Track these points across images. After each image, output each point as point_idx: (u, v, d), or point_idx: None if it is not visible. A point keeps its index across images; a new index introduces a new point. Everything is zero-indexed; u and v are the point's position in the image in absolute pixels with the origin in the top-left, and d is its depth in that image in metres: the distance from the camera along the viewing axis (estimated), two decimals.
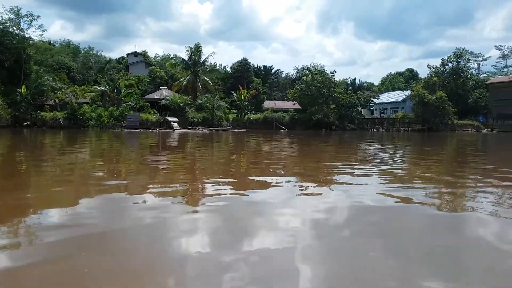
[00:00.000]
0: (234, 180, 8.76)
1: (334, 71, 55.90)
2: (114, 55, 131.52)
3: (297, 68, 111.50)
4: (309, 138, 32.41)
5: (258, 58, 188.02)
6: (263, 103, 66.81)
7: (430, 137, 39.43)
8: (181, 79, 55.24)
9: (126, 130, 39.33)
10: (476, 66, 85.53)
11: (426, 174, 9.85)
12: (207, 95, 52.81)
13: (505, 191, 7.35)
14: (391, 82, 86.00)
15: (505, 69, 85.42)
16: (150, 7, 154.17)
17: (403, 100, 68.39)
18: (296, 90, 55.01)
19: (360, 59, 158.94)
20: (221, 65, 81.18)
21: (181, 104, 48.03)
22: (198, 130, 42.60)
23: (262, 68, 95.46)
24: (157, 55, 79.61)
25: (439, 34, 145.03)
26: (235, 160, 14.46)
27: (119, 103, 47.25)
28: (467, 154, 18.69)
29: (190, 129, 42.97)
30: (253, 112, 57.00)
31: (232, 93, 55.01)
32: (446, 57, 71.03)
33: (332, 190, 7.18)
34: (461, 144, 29.18)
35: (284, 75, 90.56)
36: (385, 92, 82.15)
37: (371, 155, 16.50)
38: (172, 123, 43.77)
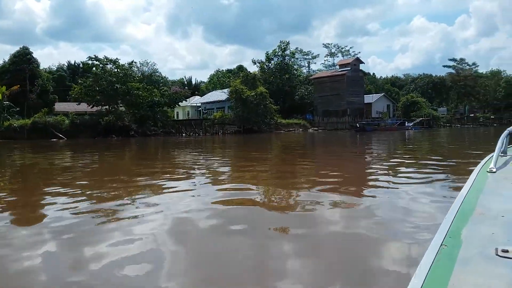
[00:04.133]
0: None
1: (133, 61, 44.47)
2: None
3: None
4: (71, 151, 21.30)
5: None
6: (54, 106, 52.32)
7: (235, 141, 30.69)
8: None
9: None
10: (307, 64, 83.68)
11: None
12: None
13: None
14: (219, 80, 78.32)
15: (333, 67, 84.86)
16: None
17: (228, 99, 60.30)
18: (80, 86, 41.90)
19: (212, 62, 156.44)
20: None
21: None
22: None
23: (81, 65, 79.66)
24: None
25: (282, 39, 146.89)
26: None
27: None
28: None
29: None
30: (19, 117, 42.17)
31: None
32: (270, 51, 65.44)
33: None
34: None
35: None
36: (212, 91, 73.92)
37: None
38: None
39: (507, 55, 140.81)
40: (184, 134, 45.23)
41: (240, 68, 77.17)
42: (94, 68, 42.86)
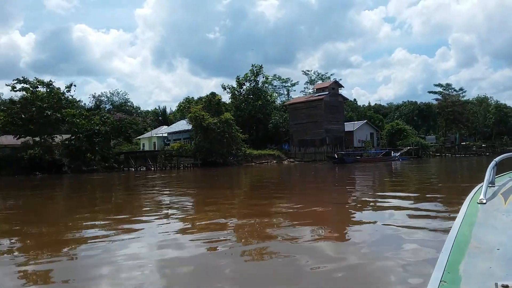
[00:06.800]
0: None
1: (71, 84, 37.74)
2: None
3: (94, 96, 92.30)
4: None
5: (91, 94, 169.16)
6: None
7: (183, 179, 24.01)
8: None
9: None
10: (286, 92, 78.19)
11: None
12: None
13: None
14: (189, 108, 71.97)
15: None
16: None
17: None
18: (4, 114, 34.85)
19: (198, 94, 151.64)
20: None
21: None
22: None
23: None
24: None
25: (268, 71, 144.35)
26: None
27: None
28: None
29: None
30: None
31: None
32: (242, 76, 59.41)
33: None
34: None
35: None
36: (180, 120, 67.34)
37: None
38: None
39: (486, 85, 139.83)
40: (133, 169, 38.27)
41: (213, 94, 71.23)
42: (23, 92, 35.82)
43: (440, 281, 1.11)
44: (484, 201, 2.06)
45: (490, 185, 2.42)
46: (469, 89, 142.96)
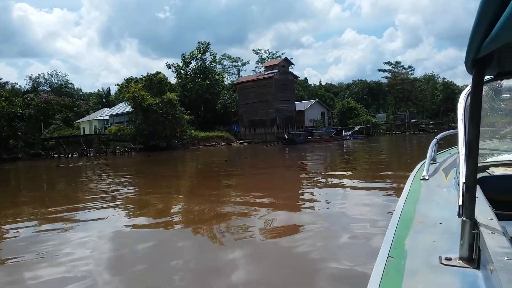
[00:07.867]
0: None
1: None
2: None
3: (30, 77, 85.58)
4: None
5: (28, 75, 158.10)
6: None
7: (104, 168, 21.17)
8: None
9: None
10: (236, 72, 75.28)
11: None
12: None
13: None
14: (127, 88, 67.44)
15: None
16: None
17: None
18: None
19: None
20: None
21: None
22: None
23: None
24: None
25: (220, 52, 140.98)
26: None
27: None
28: None
29: None
30: None
31: None
32: (187, 54, 56.02)
33: None
34: None
35: None
36: (122, 101, 63.09)
37: None
38: None
39: (431, 65, 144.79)
40: (64, 156, 34.55)
41: (156, 73, 67.11)
42: None
43: (388, 257, 1.13)
44: (427, 177, 2.13)
45: (432, 161, 2.57)
46: (415, 69, 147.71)
